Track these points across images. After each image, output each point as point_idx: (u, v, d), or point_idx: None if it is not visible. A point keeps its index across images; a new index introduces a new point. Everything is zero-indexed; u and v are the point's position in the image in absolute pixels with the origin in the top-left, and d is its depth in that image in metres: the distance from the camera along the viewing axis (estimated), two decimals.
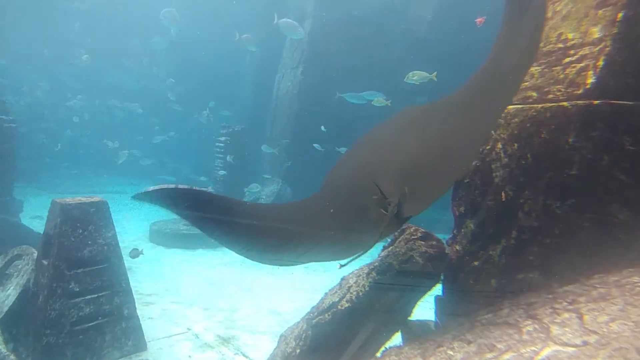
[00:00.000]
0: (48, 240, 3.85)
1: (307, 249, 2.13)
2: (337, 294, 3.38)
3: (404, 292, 3.00)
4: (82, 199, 4.05)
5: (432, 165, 2.00)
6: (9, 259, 4.63)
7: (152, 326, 4.96)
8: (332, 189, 2.21)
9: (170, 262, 7.70)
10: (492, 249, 2.45)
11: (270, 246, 2.15)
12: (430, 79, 7.09)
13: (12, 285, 4.29)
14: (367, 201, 1.87)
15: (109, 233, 4.03)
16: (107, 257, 3.97)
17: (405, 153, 1.86)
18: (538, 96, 2.44)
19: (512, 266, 2.25)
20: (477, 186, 2.77)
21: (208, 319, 5.35)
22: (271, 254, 2.29)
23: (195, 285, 6.60)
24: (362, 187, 1.93)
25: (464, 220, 2.88)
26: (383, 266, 3.12)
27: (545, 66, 2.45)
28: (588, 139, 2.02)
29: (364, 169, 2.12)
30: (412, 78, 7.22)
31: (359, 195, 1.96)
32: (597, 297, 1.72)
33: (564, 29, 2.40)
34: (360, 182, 2.01)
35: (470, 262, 2.64)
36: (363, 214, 1.90)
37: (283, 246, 2.12)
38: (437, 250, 3.00)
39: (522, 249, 2.21)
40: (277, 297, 6.29)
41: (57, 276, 3.68)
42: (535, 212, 2.17)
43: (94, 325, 3.79)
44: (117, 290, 4.00)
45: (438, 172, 2.01)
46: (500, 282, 2.31)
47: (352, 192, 2.07)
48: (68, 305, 3.69)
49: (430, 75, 7.09)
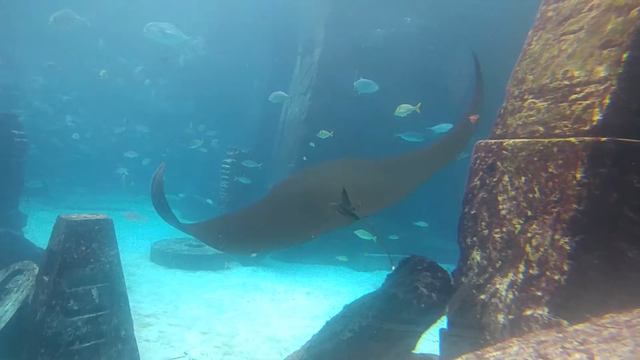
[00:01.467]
0: (51, 256, 3.84)
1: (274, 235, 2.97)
2: (339, 323, 3.31)
3: (408, 324, 2.93)
4: (87, 215, 4.06)
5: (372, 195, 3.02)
6: (10, 274, 4.61)
7: (149, 349, 4.85)
8: (286, 196, 3.13)
9: (170, 283, 7.61)
10: (499, 283, 2.42)
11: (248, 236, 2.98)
12: (414, 110, 7.61)
13: (10, 301, 4.25)
14: (323, 205, 2.74)
15: (111, 251, 4.02)
16: (108, 275, 3.94)
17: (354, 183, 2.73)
18: (545, 131, 2.46)
19: (520, 301, 2.21)
20: (483, 218, 2.76)
21: (206, 344, 5.23)
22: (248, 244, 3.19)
23: (194, 307, 6.50)
24: (319, 197, 2.83)
25: (470, 252, 2.85)
26: (387, 296, 3.07)
27: (552, 102, 2.49)
28: (596, 176, 2.02)
29: (322, 187, 3.00)
30: (400, 111, 7.75)
31: (316, 201, 2.85)
32: (608, 338, 1.68)
33: (569, 66, 2.45)
34: (318, 193, 2.91)
35: (477, 295, 2.59)
36: (318, 213, 2.81)
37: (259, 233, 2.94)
38: (443, 282, 2.96)
39: (530, 284, 2.17)
40: (276, 323, 6.16)
41: (57, 293, 3.64)
42: (543, 247, 2.15)
43: (90, 346, 3.71)
44: (115, 310, 3.94)
45: (376, 200, 3.04)
46: (508, 318, 2.26)
47: (309, 199, 2.95)
48: (65, 323, 3.63)
49: (414, 107, 7.60)
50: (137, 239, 10.87)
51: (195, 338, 5.37)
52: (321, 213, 2.73)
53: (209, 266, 8.67)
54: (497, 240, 2.54)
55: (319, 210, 2.76)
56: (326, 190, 2.78)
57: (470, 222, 2.88)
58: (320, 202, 2.76)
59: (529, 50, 2.83)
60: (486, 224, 2.71)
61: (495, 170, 2.71)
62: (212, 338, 5.42)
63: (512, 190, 2.50)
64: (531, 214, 2.30)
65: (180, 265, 8.58)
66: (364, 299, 3.34)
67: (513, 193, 2.49)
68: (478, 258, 2.72)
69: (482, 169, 2.85)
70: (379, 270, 9.75)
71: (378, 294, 3.17)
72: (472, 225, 2.86)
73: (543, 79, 2.60)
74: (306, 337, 3.80)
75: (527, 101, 2.68)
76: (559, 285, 2.08)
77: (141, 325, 5.41)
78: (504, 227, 2.50)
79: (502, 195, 2.58)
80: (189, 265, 8.57)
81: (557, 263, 2.10)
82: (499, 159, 2.69)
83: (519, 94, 2.79)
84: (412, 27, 10.19)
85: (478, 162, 2.90)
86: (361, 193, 2.62)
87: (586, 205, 2.04)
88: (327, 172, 3.36)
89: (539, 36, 2.79)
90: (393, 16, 10.27)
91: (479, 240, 2.77)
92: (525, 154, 2.45)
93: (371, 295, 3.28)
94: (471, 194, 2.91)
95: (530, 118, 2.56)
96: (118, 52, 16.21)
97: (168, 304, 6.51)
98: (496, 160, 2.72)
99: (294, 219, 2.92)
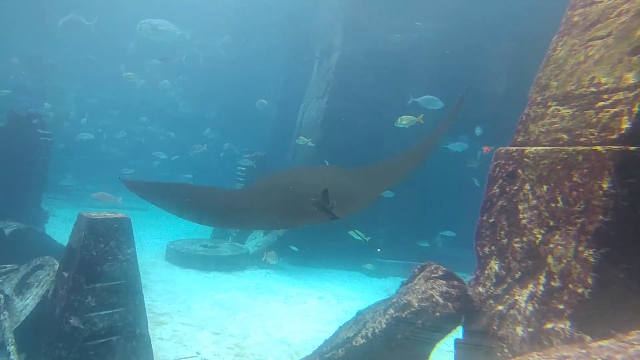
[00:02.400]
0: (71, 252, 3.92)
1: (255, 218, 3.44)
2: (352, 329, 3.27)
3: (422, 333, 2.88)
4: (106, 214, 4.14)
5: (346, 197, 3.27)
6: (31, 269, 4.73)
7: (162, 347, 4.90)
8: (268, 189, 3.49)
9: (184, 283, 7.69)
10: (518, 294, 2.35)
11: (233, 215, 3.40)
12: (417, 121, 7.68)
13: (31, 295, 4.36)
14: (302, 200, 3.09)
15: (129, 250, 4.08)
16: (125, 273, 4.00)
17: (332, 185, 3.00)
18: (569, 138, 2.39)
19: (540, 314, 2.14)
20: (502, 227, 2.70)
21: (217, 344, 5.26)
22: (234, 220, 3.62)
23: (207, 307, 6.54)
24: (300, 193, 3.19)
25: (488, 261, 2.79)
26: (401, 303, 3.02)
27: (577, 109, 2.42)
28: (624, 186, 1.95)
29: (302, 185, 3.37)
30: (402, 122, 7.84)
31: (297, 197, 3.20)
32: (634, 355, 1.60)
33: (596, 73, 2.38)
34: (298, 190, 3.27)
35: (494, 306, 2.53)
36: (297, 206, 3.15)
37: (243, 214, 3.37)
38: (459, 291, 2.89)
39: (552, 297, 2.10)
40: (288, 326, 6.14)
41: (76, 289, 3.71)
42: (566, 259, 2.08)
43: (105, 342, 3.77)
44: (131, 308, 3.99)
45: (349, 201, 3.31)
46: (527, 331, 2.19)
47: (291, 193, 3.31)
48: (83, 319, 3.70)
49: (417, 118, 7.68)
50: (154, 238, 11.05)
51: (207, 338, 5.40)
52: (300, 207, 3.13)
53: (222, 267, 8.73)
54: (517, 250, 2.48)
55: (298, 204, 3.15)
56: (304, 188, 3.22)
57: (489, 231, 2.81)
58: (299, 197, 3.16)
59: (553, 56, 2.76)
60: (505, 233, 2.64)
61: (516, 178, 2.64)
62: (224, 339, 5.44)
63: (534, 199, 2.43)
64: (553, 224, 2.23)
65: (194, 265, 8.66)
66: (378, 306, 3.30)
67: (534, 202, 2.42)
68: (496, 268, 2.66)
69: (502, 177, 2.78)
70: (392, 276, 9.64)
71: (392, 301, 3.13)
72: (490, 234, 2.79)
73: (568, 86, 2.53)
74: (318, 342, 3.78)
75: (550, 108, 2.62)
76: (583, 298, 2.01)
77: (155, 324, 5.47)
78: (525, 237, 2.44)
79: (523, 204, 2.52)
80: (202, 266, 8.65)
81: (580, 276, 2.03)
82: (520, 167, 2.63)
83: (542, 100, 2.73)
84: (430, 32, 10.11)
85: (498, 169, 2.84)
86: (335, 195, 2.96)
87: (613, 217, 1.96)
88: (307, 174, 3.91)
89: (564, 41, 2.72)
90: (411, 21, 10.22)
91: (497, 249, 2.70)
92: (547, 162, 2.39)
93: (385, 302, 3.24)
94: (490, 201, 2.85)
95: (554, 125, 2.49)
96: (149, 55, 16.62)
97: (182, 303, 6.57)
98: (517, 167, 2.65)
99: (273, 207, 3.29)
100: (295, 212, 3.24)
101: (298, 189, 3.29)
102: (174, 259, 8.96)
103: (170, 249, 9.18)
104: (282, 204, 3.25)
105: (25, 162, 7.99)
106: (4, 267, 5.16)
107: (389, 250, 10.14)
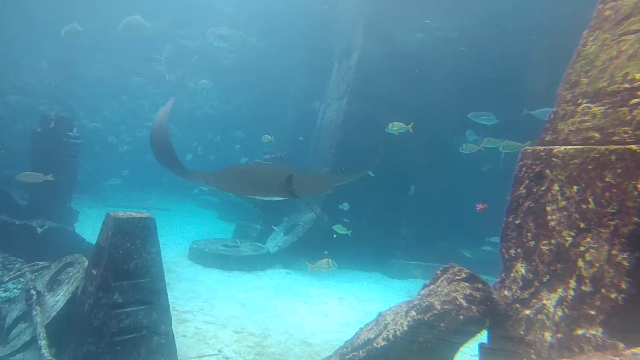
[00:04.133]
0: (99, 251, 4.05)
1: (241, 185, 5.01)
2: (372, 331, 3.25)
3: (445, 336, 2.83)
4: (132, 213, 4.25)
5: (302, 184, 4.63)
6: (62, 266, 4.92)
7: (185, 344, 5.00)
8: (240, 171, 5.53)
9: (206, 282, 7.82)
10: (546, 298, 2.27)
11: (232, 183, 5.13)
12: (407, 130, 8.00)
13: (61, 292, 4.53)
14: (269, 182, 4.60)
15: (153, 248, 4.18)
16: (150, 271, 4.10)
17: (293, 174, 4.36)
18: (601, 137, 2.30)
19: (570, 319, 2.06)
20: (529, 228, 2.62)
21: (239, 343, 5.32)
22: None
23: (228, 306, 6.63)
24: (267, 176, 4.86)
25: (514, 264, 2.71)
26: (423, 305, 2.98)
27: (610, 106, 2.32)
28: None
29: (267, 173, 5.10)
30: (393, 128, 8.12)
31: (265, 179, 4.81)
32: None
33: (630, 68, 2.28)
34: (265, 174, 5.07)
35: (521, 310, 2.45)
36: (266, 184, 4.64)
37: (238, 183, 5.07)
38: (483, 294, 2.82)
39: (583, 302, 2.02)
40: (308, 327, 6.15)
41: (104, 286, 3.83)
42: (598, 262, 2.00)
43: (131, 338, 3.88)
44: (156, 305, 4.09)
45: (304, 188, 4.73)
46: (556, 336, 2.11)
47: (259, 175, 5.14)
48: (110, 315, 3.81)
49: (407, 127, 8.00)
50: (177, 238, 11.30)
51: (229, 337, 5.47)
52: (267, 185, 4.63)
53: (243, 267, 8.83)
54: (545, 253, 2.40)
55: (266, 183, 4.68)
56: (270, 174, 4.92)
57: (515, 233, 2.74)
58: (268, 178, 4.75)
59: (583, 52, 2.66)
60: (532, 235, 2.56)
61: (544, 179, 2.56)
62: (245, 338, 5.50)
63: (563, 200, 2.35)
64: (584, 226, 2.15)
65: (216, 264, 8.80)
66: (399, 308, 3.26)
67: (564, 203, 2.34)
68: (523, 271, 2.58)
69: (529, 177, 2.70)
70: (413, 278, 9.51)
71: (414, 303, 3.09)
72: (516, 236, 2.71)
73: (600, 82, 2.43)
74: (338, 343, 3.76)
75: (581, 106, 2.52)
76: (616, 304, 1.92)
77: (178, 321, 5.58)
78: (553, 239, 2.36)
79: (551, 205, 2.43)
80: (224, 265, 8.77)
81: (613, 280, 1.94)
82: (548, 167, 2.54)
83: (571, 98, 2.63)
84: (452, 30, 9.93)
85: (524, 169, 2.76)
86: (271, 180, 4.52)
87: None
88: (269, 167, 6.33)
89: (595, 36, 2.62)
90: (432, 20, 10.07)
91: (523, 252, 2.63)
92: (578, 162, 2.30)
93: (406, 304, 3.20)
94: (516, 203, 2.77)
95: (585, 124, 2.40)
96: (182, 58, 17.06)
97: (204, 302, 6.68)
98: (545, 167, 2.57)
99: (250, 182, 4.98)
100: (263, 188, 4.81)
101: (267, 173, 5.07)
102: (196, 258, 9.13)
103: (192, 248, 9.36)
104: (255, 182, 4.92)
105: (56, 163, 8.32)
106: (37, 264, 5.39)
107: (410, 252, 10.01)
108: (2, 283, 5.48)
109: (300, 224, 10.14)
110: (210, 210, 16.60)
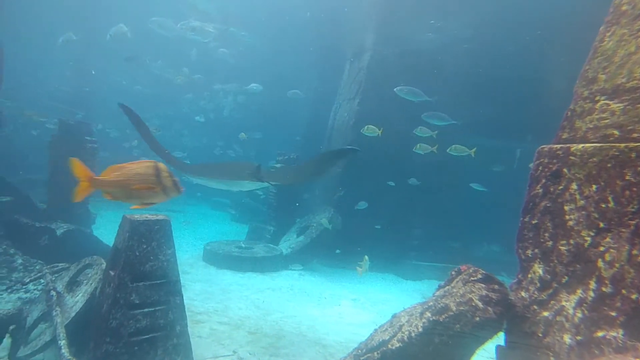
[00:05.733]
0: (116, 252, 4.13)
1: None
2: (387, 332, 3.23)
3: (460, 338, 2.79)
4: (148, 216, 4.32)
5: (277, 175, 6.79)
6: (81, 268, 5.03)
7: (201, 345, 5.05)
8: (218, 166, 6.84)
9: (220, 283, 7.90)
10: (565, 300, 2.23)
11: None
12: (378, 134, 8.50)
13: (81, 293, 4.63)
14: (242, 171, 5.65)
15: (168, 250, 4.24)
16: (165, 273, 4.16)
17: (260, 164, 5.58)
18: (620, 135, 2.25)
19: (590, 321, 2.02)
20: (547, 228, 2.57)
21: (253, 344, 5.35)
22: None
23: (242, 307, 6.68)
24: (240, 168, 5.85)
25: (531, 265, 2.66)
26: (438, 306, 2.95)
27: (629, 103, 2.27)
28: None
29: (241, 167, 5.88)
30: (367, 131, 8.62)
31: (239, 169, 5.80)
32: None
33: None
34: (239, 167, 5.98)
35: (539, 312, 2.41)
36: (239, 174, 5.67)
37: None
38: (500, 295, 2.78)
39: (603, 303, 1.98)
40: (322, 328, 6.15)
41: (121, 287, 3.91)
42: (618, 263, 1.95)
43: (148, 338, 3.94)
44: (172, 306, 4.14)
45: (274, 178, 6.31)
46: (576, 339, 2.07)
47: (234, 168, 6.19)
48: (128, 316, 3.88)
49: (378, 132, 8.51)
50: (191, 239, 11.43)
51: (243, 338, 5.51)
52: (240, 174, 5.63)
53: (257, 268, 8.89)
54: (564, 253, 2.35)
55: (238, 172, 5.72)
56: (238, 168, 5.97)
57: (532, 233, 2.69)
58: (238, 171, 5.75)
59: (600, 48, 2.61)
60: (550, 235, 2.52)
61: (561, 178, 2.51)
62: (259, 339, 5.53)
63: (581, 199, 2.30)
64: (604, 226, 2.10)
65: (230, 266, 8.87)
66: (414, 309, 3.23)
67: (582, 202, 2.29)
68: (540, 272, 2.54)
69: (546, 176, 2.65)
70: (427, 279, 9.43)
71: (428, 304, 3.06)
72: (533, 236, 2.67)
73: (618, 78, 2.38)
74: (352, 344, 3.75)
75: (599, 103, 2.47)
76: (637, 305, 1.87)
77: (194, 322, 5.65)
78: (572, 239, 2.31)
79: (569, 205, 2.39)
80: (238, 267, 8.84)
81: (635, 281, 1.89)
82: (565, 165, 2.49)
83: (589, 94, 2.58)
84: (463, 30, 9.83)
85: (541, 168, 2.71)
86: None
87: None
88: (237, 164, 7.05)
89: (613, 32, 2.56)
90: (444, 21, 9.99)
91: (541, 252, 2.58)
92: (597, 160, 2.25)
93: (421, 305, 3.17)
94: (532, 202, 2.73)
95: (603, 121, 2.35)
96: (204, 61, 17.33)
97: (218, 303, 6.75)
98: (562, 166, 2.52)
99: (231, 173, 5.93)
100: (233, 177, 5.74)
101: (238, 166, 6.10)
102: (210, 260, 9.22)
103: (207, 250, 9.46)
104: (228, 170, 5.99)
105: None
106: (56, 266, 5.52)
107: (424, 252, 9.93)
108: (24, 284, 5.64)
109: (313, 225, 10.16)
110: (223, 212, 16.77)
